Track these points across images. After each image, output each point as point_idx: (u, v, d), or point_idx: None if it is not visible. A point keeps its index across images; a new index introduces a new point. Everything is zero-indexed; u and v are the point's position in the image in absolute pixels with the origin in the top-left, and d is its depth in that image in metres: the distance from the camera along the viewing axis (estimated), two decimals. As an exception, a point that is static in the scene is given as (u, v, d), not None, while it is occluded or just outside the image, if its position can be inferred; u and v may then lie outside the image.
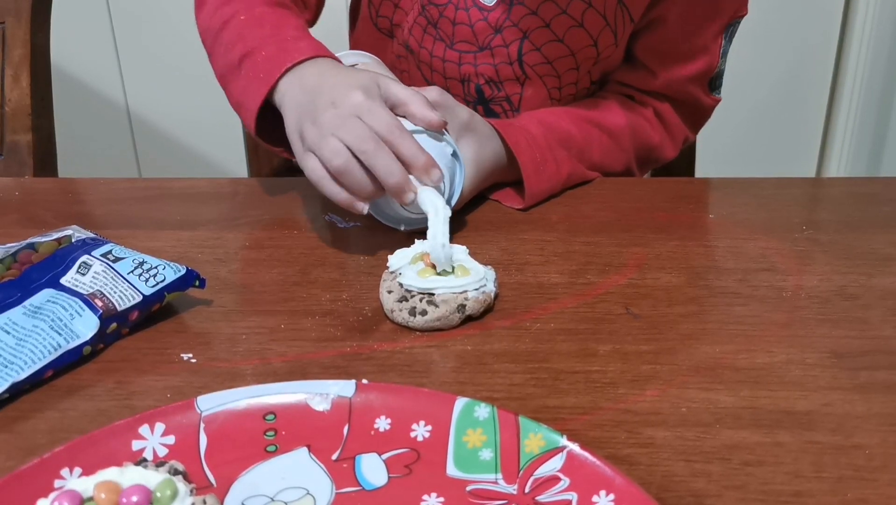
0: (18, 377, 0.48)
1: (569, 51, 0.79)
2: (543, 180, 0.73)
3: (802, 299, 0.58)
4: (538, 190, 0.72)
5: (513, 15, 0.78)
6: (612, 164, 0.81)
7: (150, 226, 0.70)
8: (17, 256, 0.56)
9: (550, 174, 0.74)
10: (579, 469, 0.39)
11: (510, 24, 0.78)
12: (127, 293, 0.53)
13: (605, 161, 0.80)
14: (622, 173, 0.83)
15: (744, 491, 0.40)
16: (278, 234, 0.69)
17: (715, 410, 0.46)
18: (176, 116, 1.92)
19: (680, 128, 0.86)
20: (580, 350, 0.52)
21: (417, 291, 0.55)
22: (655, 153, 0.85)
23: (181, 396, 0.47)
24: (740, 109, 1.83)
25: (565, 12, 0.77)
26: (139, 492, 0.35)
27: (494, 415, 0.42)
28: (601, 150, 0.80)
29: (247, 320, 0.56)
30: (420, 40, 0.83)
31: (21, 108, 0.95)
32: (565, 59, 0.80)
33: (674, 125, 0.85)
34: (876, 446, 0.43)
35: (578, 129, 0.78)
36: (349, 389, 0.44)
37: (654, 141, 0.84)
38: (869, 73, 1.81)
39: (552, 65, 0.80)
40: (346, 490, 0.39)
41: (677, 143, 0.87)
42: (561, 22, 0.78)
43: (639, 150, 0.84)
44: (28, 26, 0.95)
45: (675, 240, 0.66)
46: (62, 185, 0.83)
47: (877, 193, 0.76)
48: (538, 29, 0.78)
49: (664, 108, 0.84)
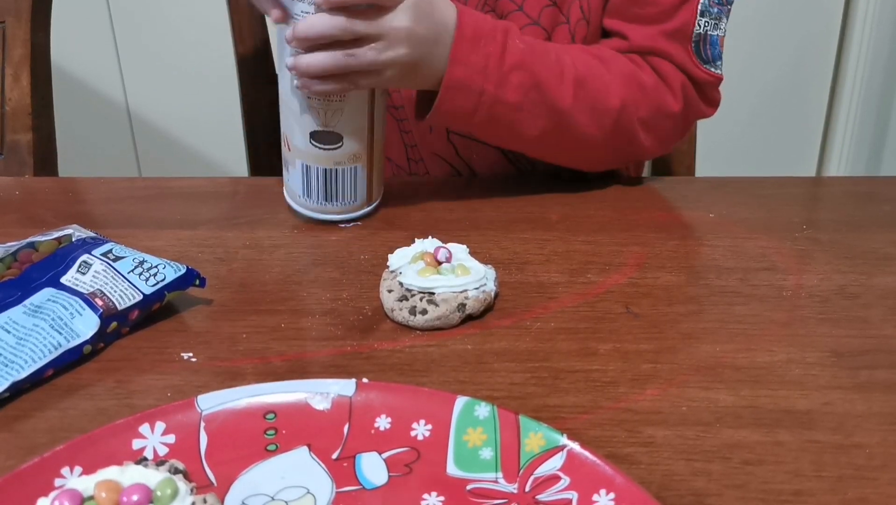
0: (19, 376, 0.48)
1: (545, 34, 0.78)
2: (478, 55, 0.66)
3: (803, 298, 0.58)
4: (466, 62, 0.66)
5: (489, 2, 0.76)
6: (598, 83, 0.72)
7: (151, 225, 0.70)
8: (18, 255, 0.56)
9: (489, 52, 0.66)
10: (579, 468, 0.39)
11: (489, 8, 0.77)
12: (127, 292, 0.53)
13: (592, 78, 0.72)
14: (614, 114, 0.72)
15: (744, 490, 0.40)
16: (278, 233, 0.69)
17: (715, 409, 0.46)
18: (176, 116, 1.92)
19: (675, 74, 0.75)
20: (580, 349, 0.52)
21: (418, 290, 0.55)
22: (651, 93, 0.75)
23: (181, 395, 0.47)
24: (740, 108, 1.83)
25: None
26: (140, 491, 0.35)
27: (495, 414, 0.42)
28: (586, 63, 0.72)
29: (247, 319, 0.56)
30: None
31: (21, 107, 0.95)
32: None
33: (666, 72, 0.75)
34: (876, 445, 0.43)
35: (557, 44, 0.74)
36: (349, 388, 0.44)
37: (646, 79, 0.74)
38: (869, 73, 1.81)
39: None
40: (346, 489, 0.39)
41: (676, 90, 0.75)
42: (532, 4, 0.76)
43: (629, 82, 0.74)
44: (28, 26, 0.95)
45: (675, 239, 0.66)
46: (62, 185, 0.83)
47: (877, 193, 0.76)
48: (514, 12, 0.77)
49: (653, 59, 0.76)
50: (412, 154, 0.87)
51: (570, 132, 0.72)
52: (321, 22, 0.61)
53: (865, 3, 1.76)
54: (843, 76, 1.85)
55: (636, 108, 0.73)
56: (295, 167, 0.68)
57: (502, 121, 0.70)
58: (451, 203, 0.74)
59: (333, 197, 0.68)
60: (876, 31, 1.77)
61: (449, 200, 0.74)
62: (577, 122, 0.71)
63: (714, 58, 0.77)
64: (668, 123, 0.76)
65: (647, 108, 0.74)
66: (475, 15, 0.68)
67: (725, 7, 0.76)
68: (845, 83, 1.84)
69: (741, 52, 0.80)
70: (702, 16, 0.74)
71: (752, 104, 1.85)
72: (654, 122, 0.75)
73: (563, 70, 0.70)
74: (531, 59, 0.68)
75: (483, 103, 0.68)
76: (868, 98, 1.83)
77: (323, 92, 0.64)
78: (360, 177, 0.68)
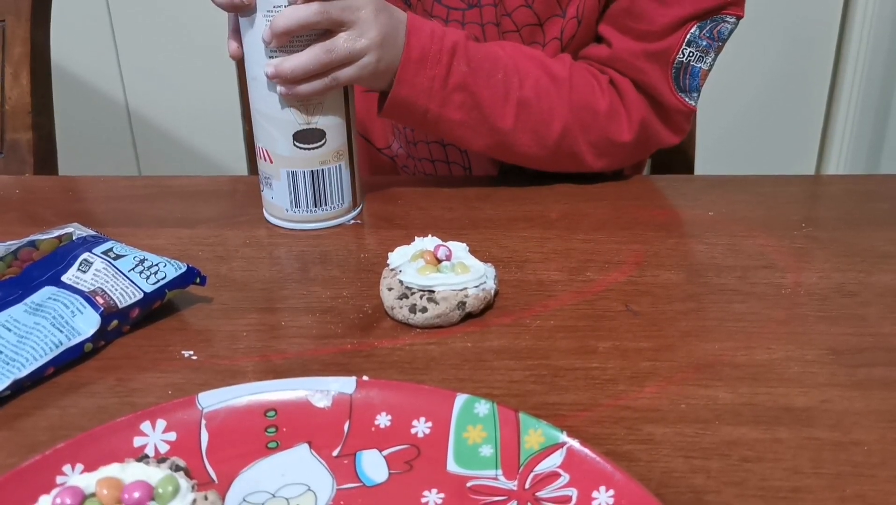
0: (20, 374, 0.48)
1: (537, 19, 0.78)
2: (423, 76, 0.69)
3: (801, 296, 0.58)
4: (412, 83, 0.69)
5: None
6: (543, 105, 0.73)
7: (151, 223, 0.70)
8: (18, 253, 0.56)
9: (434, 75, 0.69)
10: (579, 465, 0.39)
11: None
12: (128, 290, 0.54)
13: (538, 99, 0.73)
14: (556, 137, 0.74)
15: (743, 487, 0.40)
16: (278, 231, 0.69)
17: (714, 407, 0.46)
18: (175, 114, 1.92)
19: (637, 105, 0.76)
20: (580, 347, 0.52)
21: (418, 289, 0.55)
22: (602, 121, 0.76)
23: (182, 392, 0.47)
24: (739, 107, 1.83)
25: None
26: (141, 488, 0.35)
27: (494, 411, 0.42)
28: (535, 85, 0.73)
29: (247, 317, 0.56)
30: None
31: (21, 106, 0.95)
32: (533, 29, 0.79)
33: (630, 100, 0.76)
34: (874, 443, 0.43)
35: (509, 56, 0.73)
36: (350, 385, 0.44)
37: (600, 105, 0.75)
38: (868, 71, 1.81)
39: (520, 33, 0.79)
40: (346, 486, 0.40)
41: (633, 121, 0.76)
42: None
43: (578, 108, 0.75)
44: (28, 24, 0.95)
45: (674, 237, 0.67)
46: (62, 184, 0.84)
47: (875, 191, 0.76)
48: None
49: (623, 82, 0.77)
50: (410, 136, 0.87)
51: (512, 149, 0.75)
52: (301, 11, 0.62)
53: (864, 2, 1.77)
54: (842, 74, 1.85)
55: (583, 133, 0.75)
56: (280, 179, 0.68)
57: (448, 133, 0.74)
58: (451, 201, 0.74)
59: (322, 201, 0.68)
60: (875, 29, 1.77)
61: (448, 199, 0.75)
62: (519, 142, 0.74)
63: (691, 89, 0.78)
64: (618, 150, 0.78)
65: (595, 134, 0.76)
66: (422, 31, 0.69)
67: (715, 43, 0.77)
68: (844, 81, 1.84)
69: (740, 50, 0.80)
70: (688, 45, 0.75)
71: (751, 102, 1.85)
72: (602, 148, 0.77)
73: (508, 91, 0.73)
74: (474, 81, 0.71)
75: (428, 120, 0.72)
76: (867, 96, 1.83)
77: (308, 93, 0.64)
78: (344, 176, 0.69)
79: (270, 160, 0.67)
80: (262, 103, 0.66)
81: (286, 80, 0.63)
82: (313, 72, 0.63)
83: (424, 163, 0.88)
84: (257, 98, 0.66)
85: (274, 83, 0.64)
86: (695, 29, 0.75)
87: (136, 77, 1.89)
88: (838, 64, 1.85)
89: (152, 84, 1.89)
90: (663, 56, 0.75)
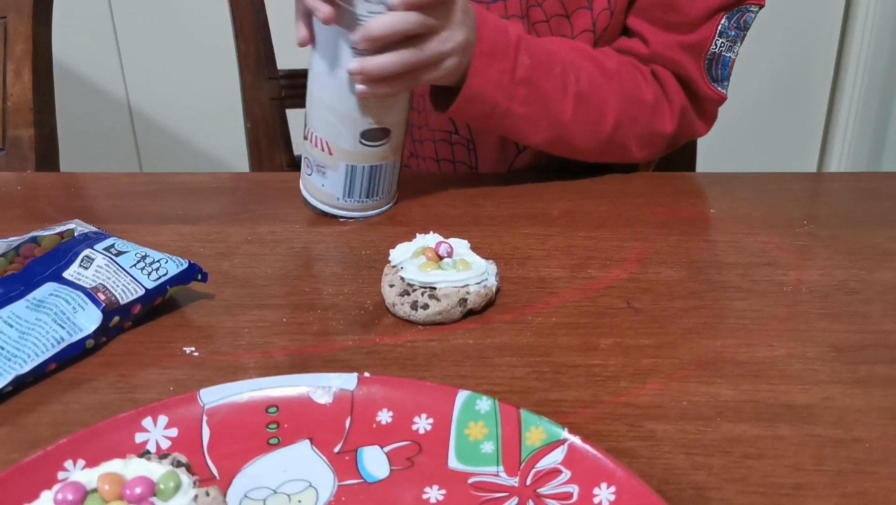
0: (22, 370, 0.48)
1: (564, 10, 0.78)
2: (493, 69, 0.68)
3: (803, 294, 0.58)
4: (484, 76, 0.68)
5: None
6: (598, 98, 0.75)
7: (152, 220, 0.70)
8: (20, 249, 0.56)
9: (502, 68, 0.69)
10: (580, 462, 0.39)
11: None
12: (129, 287, 0.54)
13: (593, 93, 0.74)
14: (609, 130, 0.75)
15: (744, 484, 0.41)
16: (280, 228, 0.69)
17: (716, 404, 0.46)
18: (177, 111, 1.92)
19: (678, 96, 0.79)
20: (581, 344, 0.52)
21: (419, 285, 0.55)
22: (649, 112, 0.78)
23: (184, 389, 0.47)
24: (742, 104, 1.83)
25: None
26: (143, 484, 0.35)
27: (496, 408, 0.42)
28: (589, 78, 0.74)
29: (249, 314, 0.56)
30: None
31: (23, 102, 0.95)
32: (561, 20, 0.79)
33: (672, 91, 0.78)
34: (876, 440, 0.43)
35: (564, 50, 0.74)
36: (351, 382, 0.44)
37: (647, 96, 0.77)
38: (870, 69, 1.81)
39: (549, 23, 0.79)
40: (348, 482, 0.40)
41: (675, 112, 0.79)
42: None
43: (628, 101, 0.76)
44: (30, 21, 0.95)
45: (676, 235, 0.67)
46: (64, 180, 0.84)
47: (877, 188, 0.76)
48: None
49: (663, 73, 0.79)
50: (416, 134, 0.87)
51: (567, 142, 0.75)
52: (398, 19, 0.61)
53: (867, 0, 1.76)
54: (844, 72, 1.85)
55: (632, 126, 0.77)
56: (337, 170, 0.67)
57: (509, 128, 0.73)
58: (453, 198, 0.74)
59: (374, 192, 0.69)
60: (877, 27, 1.77)
61: (450, 195, 0.75)
62: (575, 135, 0.75)
63: (723, 77, 0.80)
64: (660, 141, 0.80)
65: (643, 126, 0.78)
66: (489, 25, 0.69)
67: (742, 32, 0.79)
68: (846, 79, 1.84)
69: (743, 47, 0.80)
70: (720, 36, 0.78)
71: (753, 100, 1.85)
72: (647, 139, 0.79)
73: (566, 85, 0.73)
74: (537, 75, 0.71)
75: (496, 114, 0.71)
76: (869, 94, 1.83)
77: (387, 94, 0.64)
78: (396, 169, 0.70)
79: (330, 151, 0.67)
80: (332, 98, 0.65)
81: (369, 78, 0.62)
82: (398, 73, 0.63)
83: (429, 162, 0.88)
84: (328, 92, 0.65)
85: (353, 80, 0.63)
86: (724, 20, 0.77)
87: (138, 74, 1.90)
88: (840, 61, 1.85)
89: (154, 81, 1.89)
90: (698, 47, 0.77)
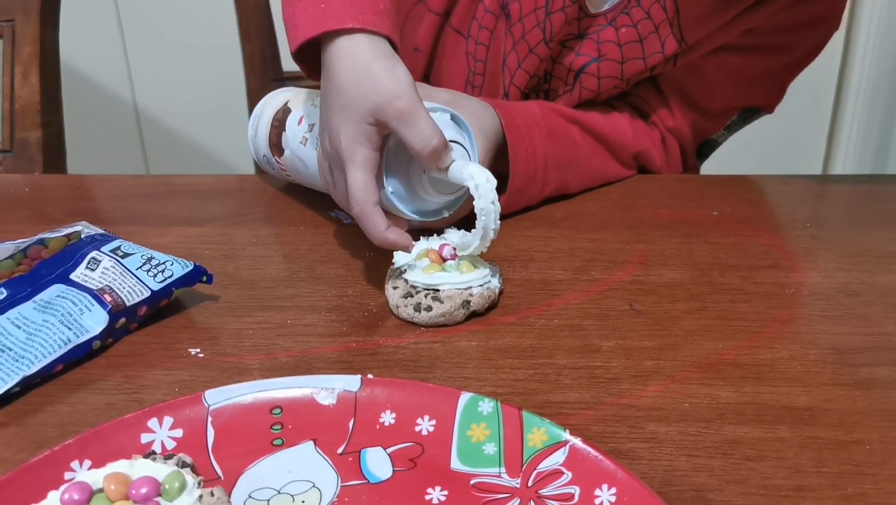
0: (29, 371, 0.48)
1: (621, 63, 0.79)
2: (524, 198, 0.72)
3: (805, 296, 0.58)
4: (515, 205, 0.71)
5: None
6: (606, 173, 0.79)
7: (158, 222, 0.71)
8: (28, 251, 0.57)
9: (533, 193, 0.72)
10: (582, 463, 0.39)
11: None
12: (135, 288, 0.54)
13: (602, 170, 0.79)
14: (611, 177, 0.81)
15: (745, 485, 0.41)
16: (284, 230, 0.69)
17: (717, 406, 0.46)
18: (183, 113, 1.93)
19: (676, 162, 0.85)
20: (584, 346, 0.52)
21: (422, 287, 0.55)
22: (651, 170, 0.85)
23: (189, 390, 0.48)
24: (746, 107, 1.82)
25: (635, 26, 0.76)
26: (148, 484, 0.36)
27: (498, 409, 0.42)
28: (601, 160, 0.78)
29: (253, 316, 0.56)
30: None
31: (30, 105, 0.96)
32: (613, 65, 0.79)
33: (673, 158, 0.85)
34: (876, 442, 0.44)
35: (585, 142, 0.77)
36: (355, 383, 0.44)
37: (656, 165, 0.83)
38: (875, 71, 1.80)
39: (598, 63, 0.78)
40: (351, 483, 0.40)
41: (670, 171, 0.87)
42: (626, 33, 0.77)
43: (638, 167, 0.83)
44: (37, 24, 0.96)
45: (678, 237, 0.67)
46: (71, 182, 0.84)
47: (881, 191, 0.76)
48: (608, 42, 0.77)
49: (671, 140, 0.84)
50: None
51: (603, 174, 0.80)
52: None
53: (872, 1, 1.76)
54: (848, 74, 1.85)
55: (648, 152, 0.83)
56: None
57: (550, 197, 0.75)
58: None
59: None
60: (882, 28, 1.77)
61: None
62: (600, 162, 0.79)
63: (705, 155, 0.90)
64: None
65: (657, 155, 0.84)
66: (520, 160, 0.70)
67: (741, 127, 0.86)
68: (851, 81, 1.84)
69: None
70: (726, 129, 0.86)
71: (758, 102, 1.85)
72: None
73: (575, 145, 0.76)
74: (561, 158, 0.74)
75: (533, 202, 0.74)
76: (874, 96, 1.83)
77: None
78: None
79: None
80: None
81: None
82: None
83: None
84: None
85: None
86: (736, 117, 0.84)
87: (145, 76, 1.90)
88: (845, 63, 1.85)
89: (160, 83, 1.90)
90: (704, 133, 0.86)
